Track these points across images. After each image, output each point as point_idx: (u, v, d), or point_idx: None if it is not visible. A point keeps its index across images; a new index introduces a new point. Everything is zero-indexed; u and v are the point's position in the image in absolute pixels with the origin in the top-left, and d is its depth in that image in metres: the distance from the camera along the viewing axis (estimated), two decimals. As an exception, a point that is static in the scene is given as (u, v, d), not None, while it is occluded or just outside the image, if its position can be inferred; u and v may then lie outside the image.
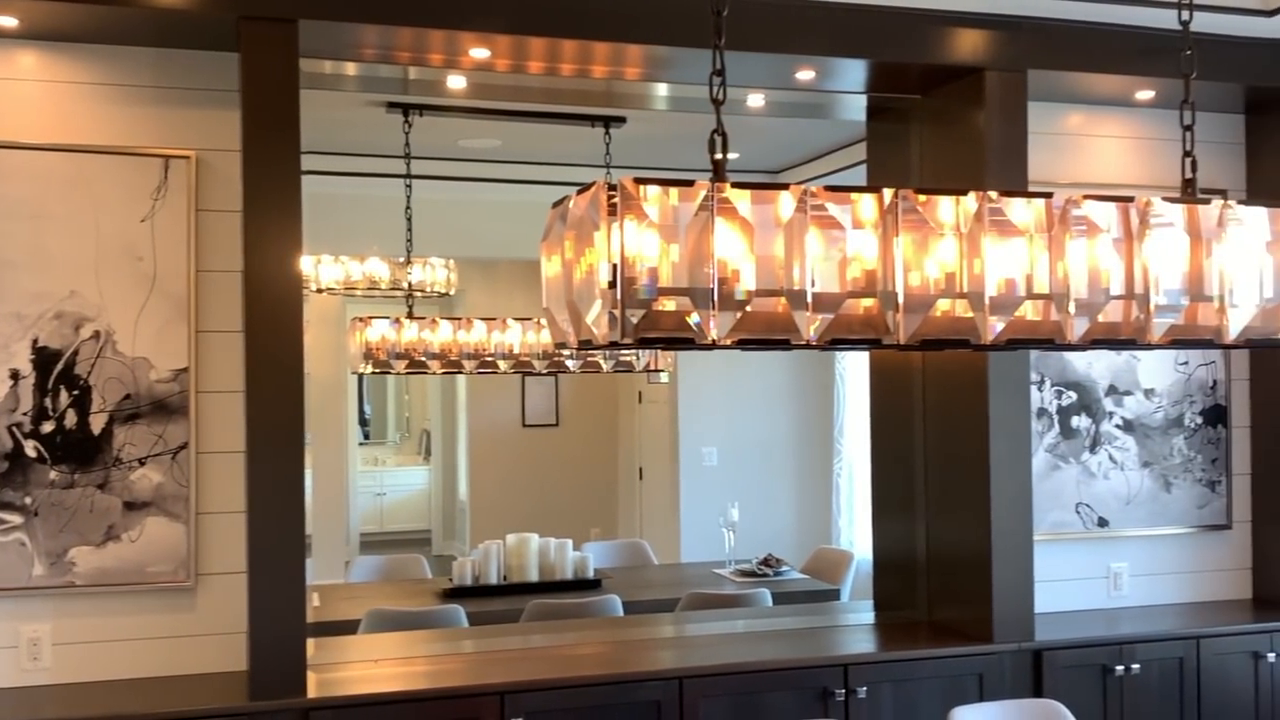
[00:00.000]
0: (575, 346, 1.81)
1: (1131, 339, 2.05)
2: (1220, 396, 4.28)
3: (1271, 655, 3.90)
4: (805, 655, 3.49)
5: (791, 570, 5.44)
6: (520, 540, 4.95)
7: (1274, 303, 2.16)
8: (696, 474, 7.16)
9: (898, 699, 3.51)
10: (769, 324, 1.85)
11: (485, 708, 3.07)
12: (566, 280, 1.83)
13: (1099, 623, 3.94)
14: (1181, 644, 3.83)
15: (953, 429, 3.87)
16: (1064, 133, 4.13)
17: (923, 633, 3.83)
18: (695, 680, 3.28)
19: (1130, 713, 3.74)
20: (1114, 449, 4.16)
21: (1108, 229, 2.05)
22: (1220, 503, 4.27)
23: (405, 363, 4.93)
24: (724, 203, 1.82)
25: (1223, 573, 4.30)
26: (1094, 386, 4.14)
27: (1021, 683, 3.65)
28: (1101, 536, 4.14)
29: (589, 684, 3.19)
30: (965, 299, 1.99)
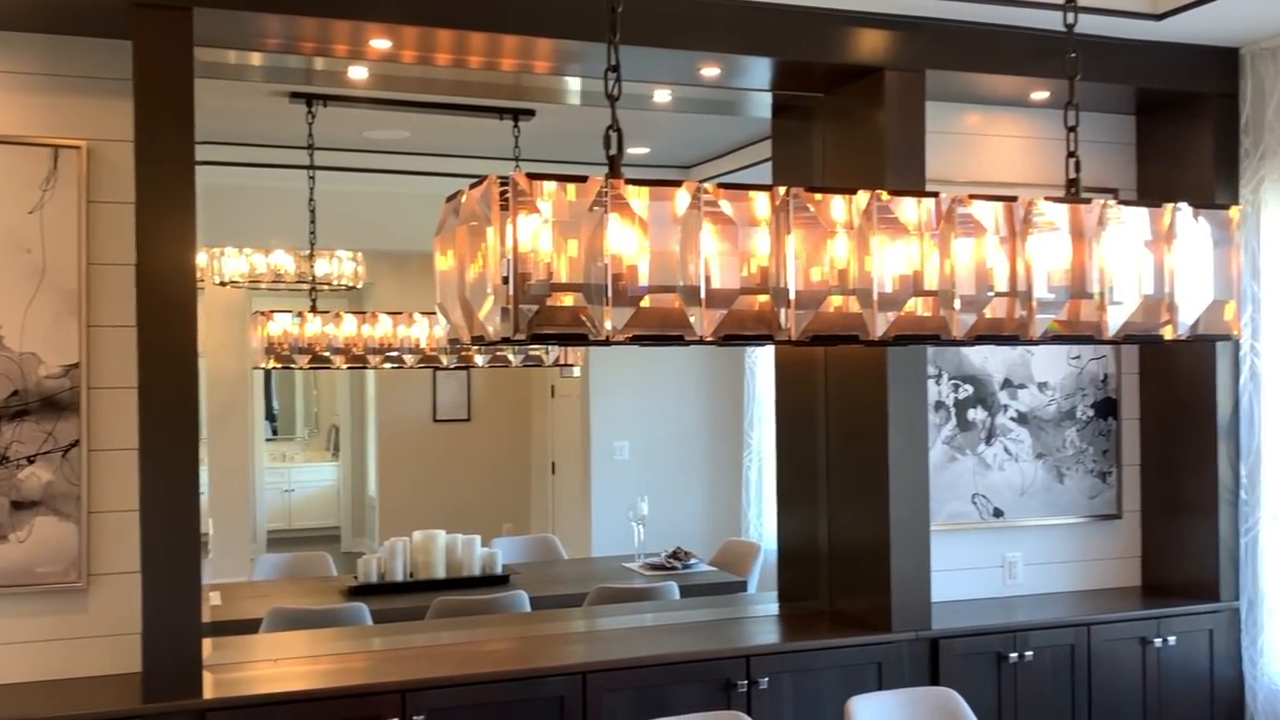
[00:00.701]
0: (468, 342, 1.81)
1: (1015, 335, 2.11)
2: (1111, 390, 4.42)
3: (1159, 641, 4.05)
4: (709, 648, 3.52)
5: (700, 563, 5.49)
6: (427, 537, 4.91)
7: (1154, 299, 2.24)
8: (608, 468, 7.17)
9: (799, 689, 3.56)
10: (664, 320, 1.87)
11: (386, 706, 3.04)
12: (459, 275, 1.83)
13: (994, 611, 4.05)
14: (1073, 631, 3.95)
15: (853, 422, 3.94)
16: (962, 132, 4.22)
17: (824, 623, 3.89)
18: (599, 675, 3.29)
19: (1023, 699, 3.85)
20: (1009, 441, 4.27)
21: (993, 228, 2.10)
22: (1111, 493, 4.41)
23: (308, 358, 4.86)
24: (618, 199, 1.83)
25: (1113, 561, 4.45)
26: (990, 380, 4.24)
27: (919, 671, 3.73)
28: (997, 526, 4.25)
29: (492, 680, 3.18)
30: (855, 295, 2.03)
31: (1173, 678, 4.07)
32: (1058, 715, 3.90)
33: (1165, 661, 4.07)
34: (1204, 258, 2.24)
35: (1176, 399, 4.32)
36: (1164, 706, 4.05)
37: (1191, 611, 4.12)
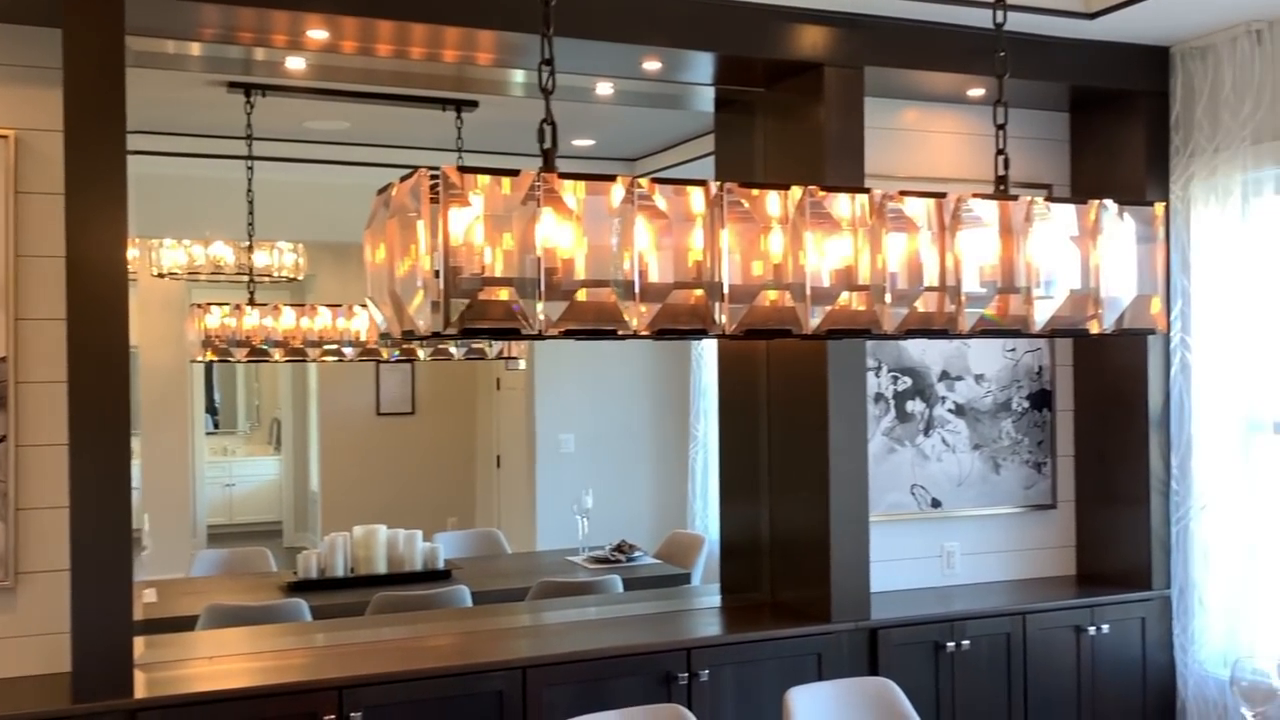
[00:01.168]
0: (399, 337, 1.80)
1: (945, 329, 2.14)
2: (1046, 382, 4.49)
3: (1092, 629, 4.12)
4: (650, 641, 3.53)
5: (645, 556, 5.50)
6: (368, 532, 4.88)
7: (1081, 294, 2.27)
8: (554, 461, 7.16)
9: (739, 680, 3.58)
10: (598, 314, 1.87)
11: (322, 703, 3.02)
12: (389, 269, 1.81)
13: (933, 600, 4.10)
14: (1009, 620, 4.01)
15: (794, 414, 3.97)
16: (901, 128, 4.26)
17: (765, 614, 3.92)
18: (539, 669, 3.29)
19: (960, 687, 3.90)
20: (946, 432, 4.32)
21: (923, 223, 2.13)
22: (1046, 483, 4.49)
23: (246, 351, 4.81)
24: (551, 193, 1.82)
25: (1048, 550, 4.52)
26: (927, 372, 4.29)
27: (858, 661, 3.77)
28: (935, 517, 4.31)
29: (430, 676, 3.16)
30: (789, 290, 2.04)
31: (1106, 665, 4.15)
32: (994, 703, 3.96)
33: (1099, 649, 4.14)
34: (1130, 253, 2.28)
35: (1109, 391, 4.40)
36: (1098, 693, 4.13)
37: (1124, 600, 4.20)
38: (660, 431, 7.28)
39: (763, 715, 3.55)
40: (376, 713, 3.08)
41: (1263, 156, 3.92)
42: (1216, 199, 4.07)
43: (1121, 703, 4.16)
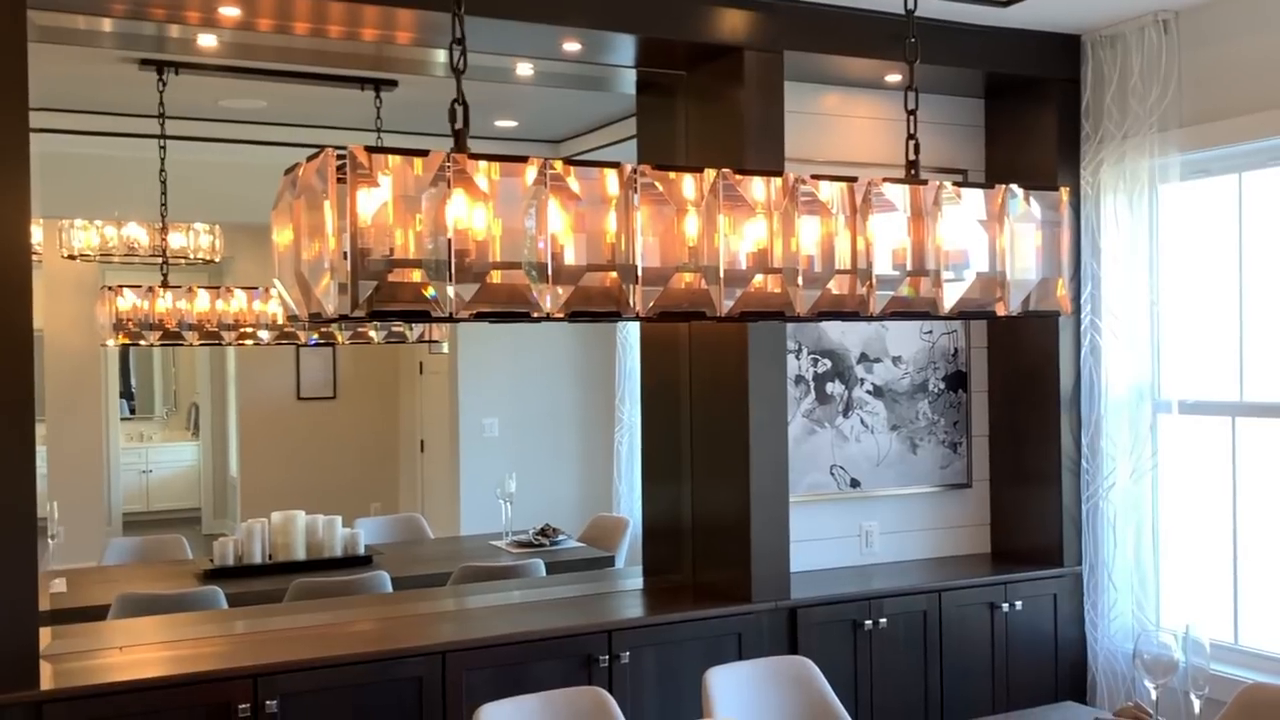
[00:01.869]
0: (306, 320, 1.77)
1: (856, 311, 2.16)
2: (961, 363, 4.57)
3: (1006, 606, 4.21)
4: (571, 623, 3.54)
5: (569, 539, 5.50)
6: (286, 518, 4.81)
7: (988, 276, 2.31)
8: (477, 445, 7.12)
9: (660, 661, 3.60)
10: (510, 296, 1.86)
11: (237, 692, 2.97)
12: (296, 251, 1.78)
13: (851, 579, 4.15)
14: (925, 598, 4.08)
15: (716, 397, 3.99)
16: (821, 113, 4.29)
17: (686, 596, 3.95)
18: (458, 653, 3.28)
19: (878, 664, 3.97)
20: (865, 413, 4.38)
21: (835, 207, 2.15)
22: (961, 463, 4.57)
23: (159, 334, 4.71)
24: (462, 174, 1.81)
25: (964, 529, 4.61)
26: (847, 354, 4.34)
27: (778, 640, 3.81)
28: (854, 497, 4.37)
29: (347, 663, 3.13)
30: (703, 272, 2.05)
31: (1020, 641, 4.25)
32: (911, 679, 4.03)
33: (1013, 625, 4.24)
34: (1035, 237, 2.32)
35: (1022, 372, 4.49)
36: (1012, 669, 4.22)
37: (1037, 577, 4.30)
38: (585, 415, 7.27)
39: (683, 696, 3.58)
40: (292, 701, 3.04)
41: (1169, 143, 4.02)
42: (1125, 185, 4.16)
43: (1035, 677, 4.27)
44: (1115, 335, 4.20)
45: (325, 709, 3.03)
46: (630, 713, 3.41)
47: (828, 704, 3.02)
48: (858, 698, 3.90)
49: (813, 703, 3.03)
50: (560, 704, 2.75)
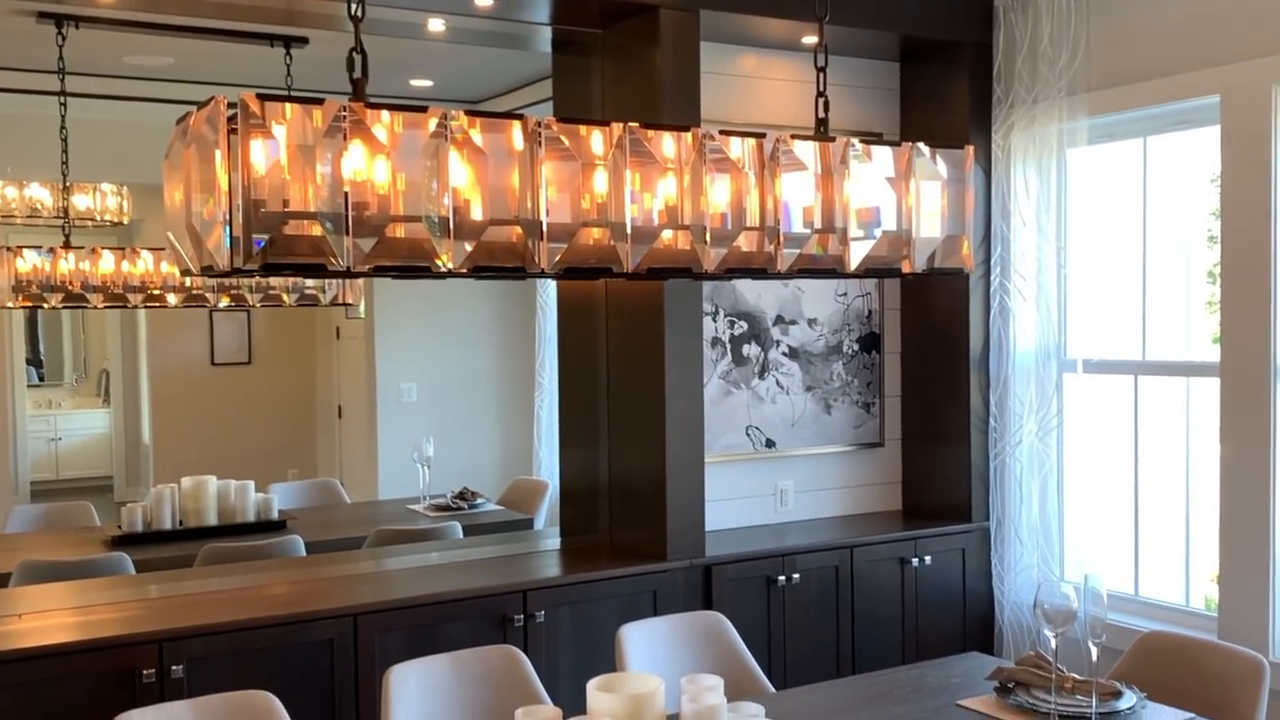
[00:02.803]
0: (198, 274, 1.73)
1: (764, 268, 2.17)
2: (875, 325, 4.63)
3: (916, 560, 4.30)
4: (486, 584, 3.53)
5: (488, 502, 5.48)
6: (197, 483, 4.72)
7: (894, 234, 2.34)
8: (395, 411, 7.06)
9: (576, 620, 3.62)
10: (410, 251, 1.83)
11: (141, 658, 2.92)
12: (186, 202, 1.74)
13: (766, 537, 4.20)
14: (837, 554, 4.15)
15: (632, 359, 3.99)
16: (738, 74, 4.29)
17: (603, 555, 3.96)
18: (370, 616, 3.25)
19: (791, 618, 4.03)
20: (781, 375, 4.42)
21: (744, 164, 2.15)
22: (874, 423, 4.64)
23: (62, 296, 4.57)
24: (359, 124, 1.77)
25: (876, 487, 4.69)
26: (763, 316, 4.37)
27: (693, 597, 3.85)
28: (769, 457, 4.41)
29: (256, 626, 3.09)
30: (610, 228, 2.04)
31: (929, 594, 4.34)
32: (822, 633, 4.10)
33: (922, 579, 4.33)
34: (941, 195, 2.35)
35: (934, 333, 4.57)
36: (921, 621, 4.31)
37: (946, 532, 4.39)
38: (505, 380, 7.24)
39: (598, 653, 3.60)
40: (200, 665, 2.99)
41: (1077, 108, 4.09)
42: (1034, 149, 4.23)
43: (943, 630, 4.37)
44: (1023, 297, 4.29)
45: (234, 673, 2.99)
46: (545, 671, 3.42)
47: (739, 656, 3.06)
48: (771, 651, 3.96)
49: (725, 656, 3.06)
50: (471, 663, 2.75)
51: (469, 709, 2.67)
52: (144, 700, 2.82)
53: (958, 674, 2.91)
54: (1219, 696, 2.76)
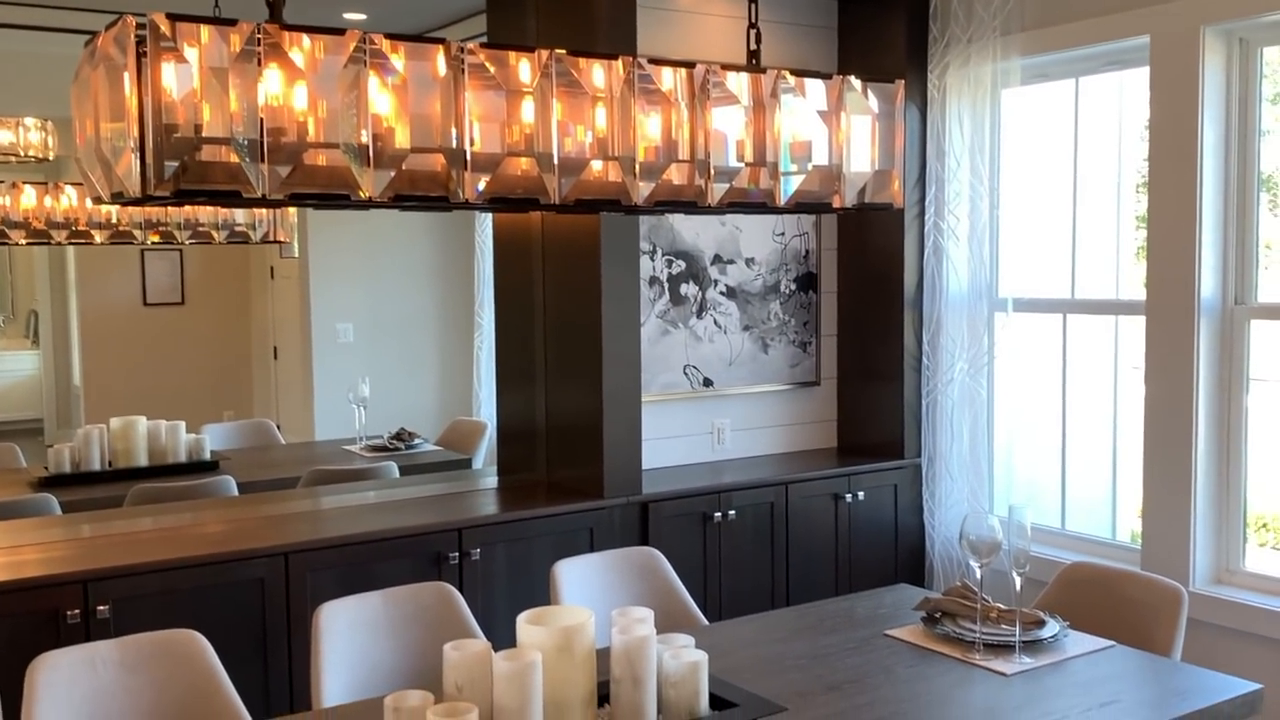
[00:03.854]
0: (108, 200, 1.68)
1: (693, 201, 2.16)
2: (812, 265, 4.64)
3: (849, 496, 4.35)
4: (420, 522, 3.52)
5: (425, 443, 5.46)
6: (126, 423, 4.64)
7: (825, 168, 2.33)
8: (331, 351, 6.97)
9: (512, 558, 3.63)
10: (329, 179, 1.79)
11: (66, 598, 2.88)
12: (95, 126, 1.68)
13: (703, 475, 4.23)
14: (772, 490, 4.19)
15: (569, 298, 3.97)
16: (675, 9, 4.23)
17: (540, 493, 3.96)
18: (302, 554, 3.23)
19: (726, 553, 4.07)
20: (718, 314, 4.42)
21: (675, 96, 2.12)
22: (810, 362, 4.67)
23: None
24: (274, 47, 1.72)
25: (812, 425, 4.73)
26: (701, 256, 4.36)
27: (629, 534, 3.87)
28: (707, 396, 4.43)
29: (185, 565, 3.06)
30: (536, 158, 2.01)
31: (862, 529, 4.40)
32: (758, 567, 4.15)
33: (855, 515, 4.39)
34: (872, 130, 2.35)
35: (870, 273, 4.59)
36: (854, 555, 4.38)
37: (879, 469, 4.45)
38: (444, 320, 7.18)
39: (535, 590, 3.61)
40: (127, 606, 2.96)
41: (1010, 47, 4.10)
42: (969, 88, 4.24)
43: (876, 563, 4.44)
44: (956, 237, 4.32)
45: (162, 613, 2.96)
46: (480, 609, 3.43)
47: (674, 591, 3.09)
48: (706, 586, 4.00)
49: (659, 591, 3.09)
50: (404, 599, 2.74)
51: (401, 646, 2.67)
52: (69, 641, 2.78)
53: (886, 605, 2.96)
54: (1140, 624, 2.84)
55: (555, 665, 2.00)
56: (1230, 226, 3.67)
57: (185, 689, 2.31)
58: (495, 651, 2.03)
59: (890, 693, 2.34)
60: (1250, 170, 3.64)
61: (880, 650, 2.61)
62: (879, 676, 2.44)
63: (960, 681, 2.41)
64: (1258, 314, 3.66)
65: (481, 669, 2.00)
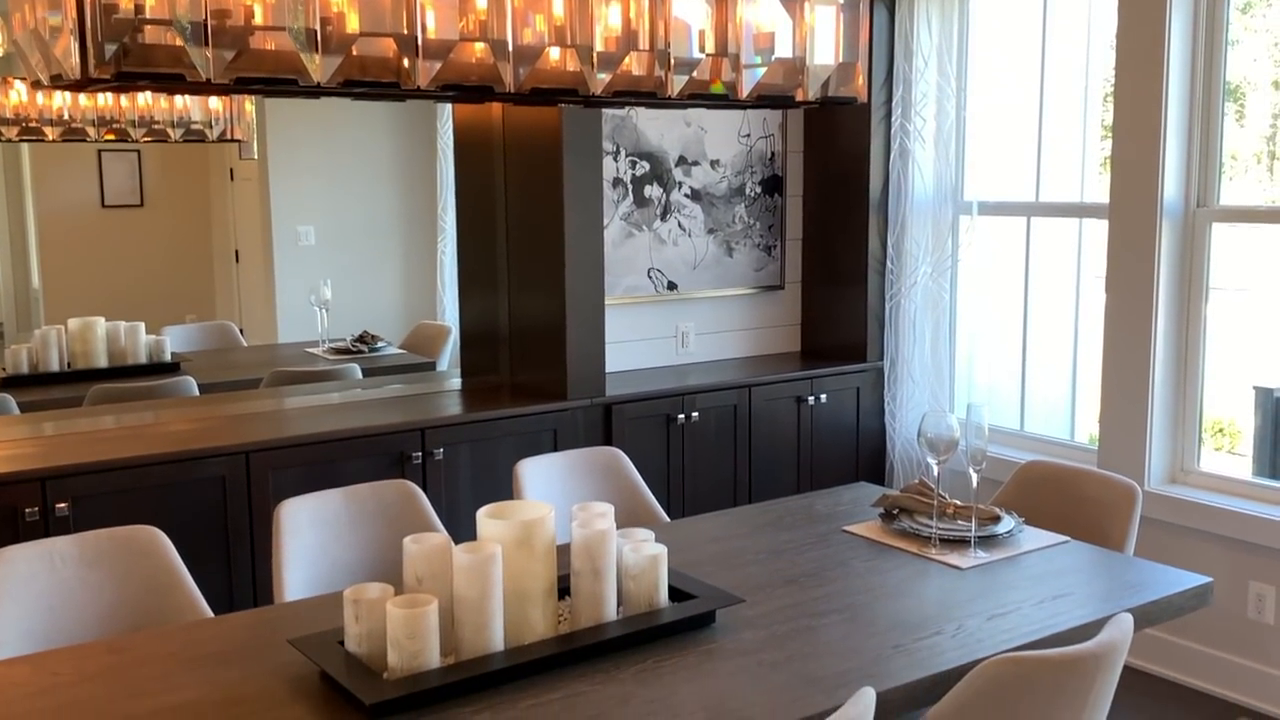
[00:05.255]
0: (47, 84, 1.62)
1: (653, 93, 2.12)
2: (778, 167, 4.60)
3: (812, 399, 4.39)
4: (383, 421, 3.52)
5: (389, 346, 5.43)
6: (84, 324, 4.59)
7: (789, 61, 2.30)
8: (293, 254, 6.86)
9: (475, 458, 3.64)
10: (275, 63, 1.74)
11: (23, 496, 2.86)
12: (33, 8, 1.62)
13: (667, 378, 4.24)
14: (735, 393, 4.21)
15: (531, 200, 3.92)
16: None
17: (503, 395, 3.97)
18: (263, 453, 3.23)
19: (689, 453, 4.10)
20: (683, 217, 4.39)
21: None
22: (775, 266, 4.66)
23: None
24: (218, -75, 1.66)
25: (776, 329, 4.74)
26: (665, 157, 4.32)
27: (593, 436, 3.89)
28: (671, 299, 4.42)
29: (144, 464, 3.05)
30: (491, 46, 1.96)
31: (824, 432, 4.44)
32: (720, 469, 4.19)
33: (818, 417, 4.43)
34: (836, 21, 2.30)
35: (835, 176, 4.56)
36: (815, 457, 4.43)
37: (841, 372, 4.47)
38: (407, 223, 7.07)
39: (498, 490, 3.63)
40: (86, 503, 2.95)
41: (983, -57, 4.02)
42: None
43: (837, 465, 4.49)
44: (923, 139, 4.29)
45: (122, 511, 2.96)
46: (444, 508, 3.45)
47: (636, 489, 3.11)
48: (669, 487, 4.04)
49: (622, 489, 3.11)
50: (366, 497, 2.74)
51: (363, 542, 2.68)
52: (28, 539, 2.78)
53: (845, 502, 3.00)
54: (1094, 521, 2.90)
55: (515, 558, 2.02)
56: (1195, 133, 3.66)
57: (145, 584, 2.32)
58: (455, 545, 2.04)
59: (847, 585, 2.39)
60: (1216, 79, 3.62)
61: (838, 545, 2.65)
62: (836, 570, 2.48)
63: (916, 575, 2.46)
64: (1219, 216, 3.67)
65: (442, 562, 2.01)
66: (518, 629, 2.01)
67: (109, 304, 7.05)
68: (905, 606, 2.27)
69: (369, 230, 7.11)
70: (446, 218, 6.41)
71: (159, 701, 1.81)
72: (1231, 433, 4.16)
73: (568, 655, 1.96)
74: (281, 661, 1.96)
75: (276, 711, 1.78)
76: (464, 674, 1.85)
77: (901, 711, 1.92)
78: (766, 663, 1.98)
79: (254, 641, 2.06)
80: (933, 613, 2.23)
